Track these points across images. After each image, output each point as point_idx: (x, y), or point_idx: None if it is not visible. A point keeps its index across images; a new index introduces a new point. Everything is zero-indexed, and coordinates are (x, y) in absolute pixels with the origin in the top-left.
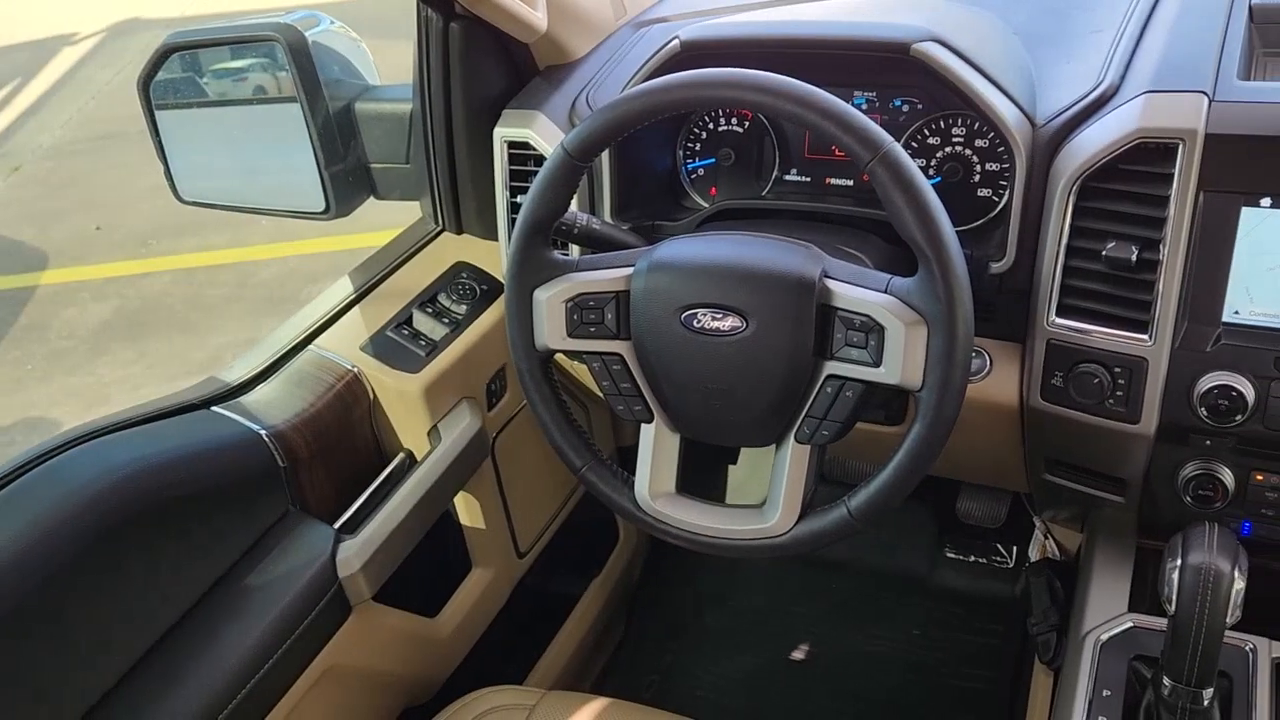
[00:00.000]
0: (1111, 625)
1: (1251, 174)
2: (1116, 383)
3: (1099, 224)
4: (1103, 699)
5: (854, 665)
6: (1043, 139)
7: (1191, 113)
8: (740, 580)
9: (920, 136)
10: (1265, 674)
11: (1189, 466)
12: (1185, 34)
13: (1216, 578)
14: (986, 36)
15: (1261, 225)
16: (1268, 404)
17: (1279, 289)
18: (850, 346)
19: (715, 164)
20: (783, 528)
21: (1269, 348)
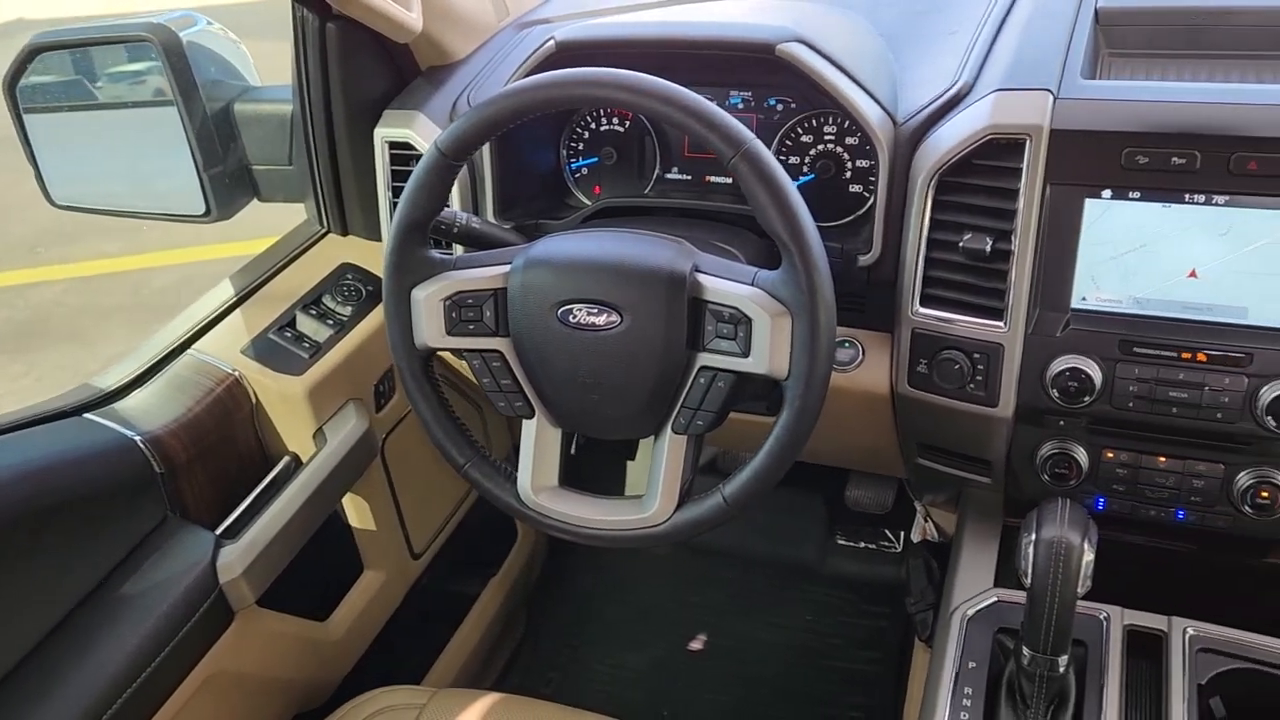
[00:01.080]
0: (978, 600)
1: (1092, 167)
2: (976, 368)
3: (956, 217)
4: (969, 670)
5: (749, 652)
6: (903, 136)
7: (1037, 110)
8: (640, 574)
9: (794, 135)
10: (1117, 640)
11: (1046, 446)
12: (1035, 35)
13: (1068, 550)
14: (851, 37)
15: (1103, 216)
16: (1114, 385)
17: (1121, 276)
18: (720, 338)
19: (598, 163)
20: (661, 516)
21: (1113, 331)
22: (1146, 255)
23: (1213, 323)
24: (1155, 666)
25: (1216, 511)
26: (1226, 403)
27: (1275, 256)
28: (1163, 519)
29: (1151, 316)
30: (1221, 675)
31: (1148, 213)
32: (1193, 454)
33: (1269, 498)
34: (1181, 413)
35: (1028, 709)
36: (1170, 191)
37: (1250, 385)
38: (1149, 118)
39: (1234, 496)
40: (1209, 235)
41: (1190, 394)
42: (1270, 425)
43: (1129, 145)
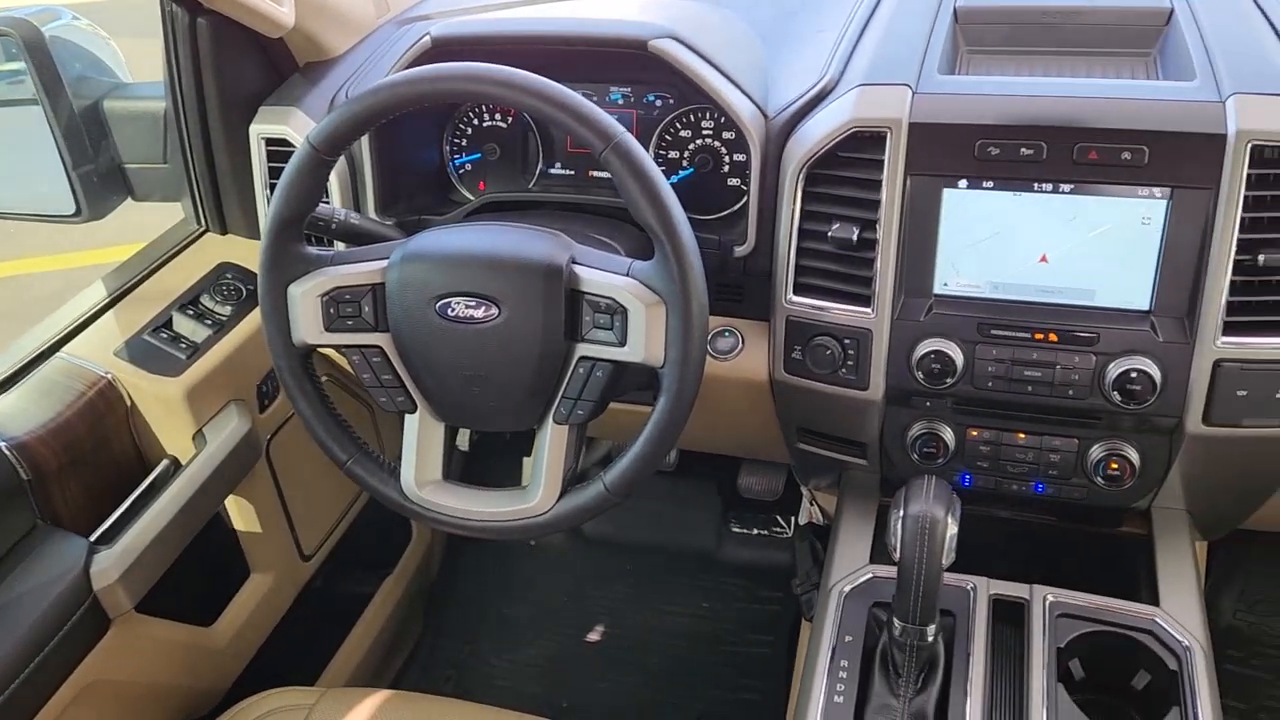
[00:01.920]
0: (854, 577)
1: (949, 159)
2: (847, 353)
3: (825, 208)
4: (845, 644)
5: (647, 642)
6: (774, 130)
7: (897, 104)
8: (538, 569)
9: (673, 130)
10: (983, 609)
11: (915, 427)
12: (897, 33)
13: (932, 524)
14: (725, 34)
15: (961, 205)
16: (974, 366)
17: (979, 262)
18: (598, 328)
19: (481, 159)
20: (545, 506)
21: (972, 315)
22: (1001, 242)
23: (1063, 305)
24: (1019, 633)
25: (1072, 484)
26: (1077, 380)
27: (1117, 241)
28: (1024, 492)
29: (1007, 300)
30: (1078, 638)
31: (1001, 201)
32: (1049, 430)
33: (1118, 469)
34: (1037, 390)
35: (900, 678)
36: (1020, 181)
37: (1098, 363)
38: (999, 111)
39: (1087, 469)
40: (1057, 222)
41: (1044, 373)
42: (1116, 400)
43: (981, 137)
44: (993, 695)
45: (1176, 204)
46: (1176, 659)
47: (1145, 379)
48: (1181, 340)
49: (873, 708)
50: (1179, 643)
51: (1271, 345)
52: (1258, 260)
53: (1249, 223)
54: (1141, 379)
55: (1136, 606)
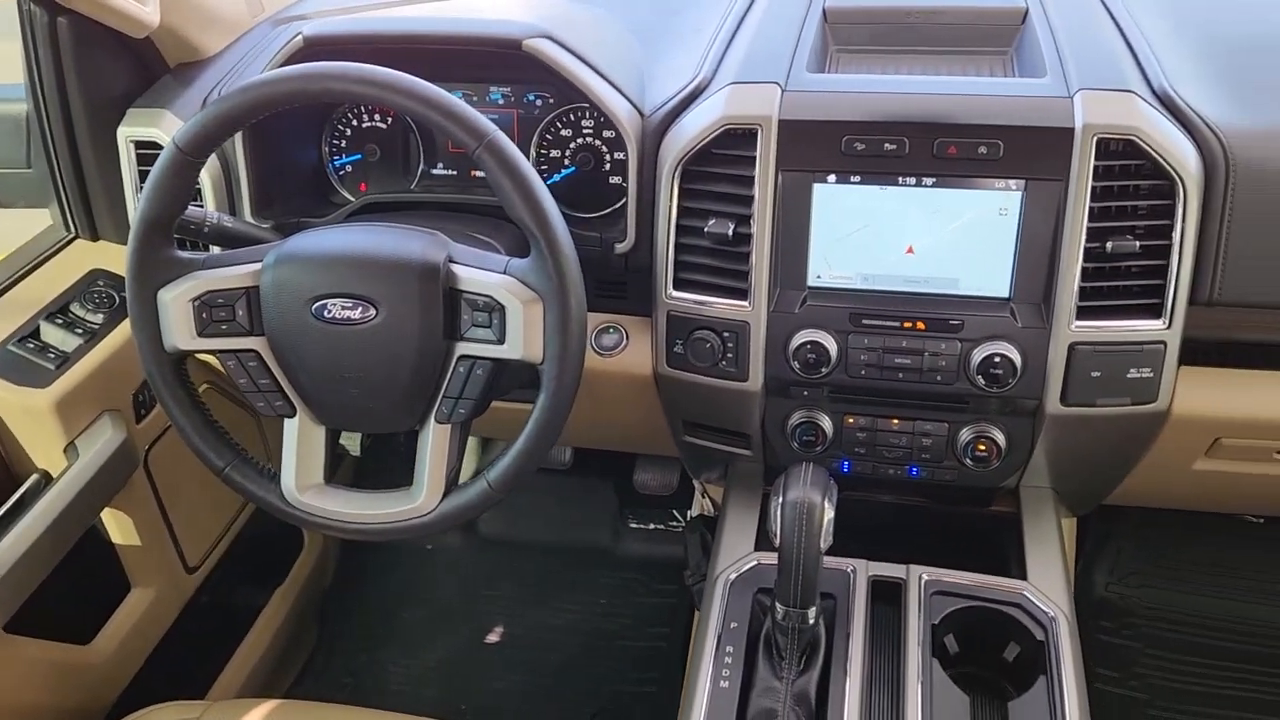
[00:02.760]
0: (740, 565)
1: (818, 154)
2: (726, 346)
3: (701, 204)
4: (731, 630)
5: (544, 640)
6: (650, 128)
7: (767, 102)
8: (436, 573)
9: (554, 129)
10: (862, 591)
11: (795, 416)
12: (768, 33)
13: (810, 509)
14: (600, 34)
15: (830, 199)
16: (847, 355)
17: (849, 255)
18: (477, 327)
19: (362, 160)
20: (429, 506)
21: (844, 306)
22: (870, 235)
23: (930, 294)
24: (896, 611)
25: (944, 466)
26: (944, 366)
27: (977, 232)
28: (900, 476)
29: (878, 291)
30: (952, 614)
31: (868, 195)
32: (921, 415)
33: (986, 450)
34: (907, 377)
35: (783, 660)
36: (885, 175)
37: (963, 349)
38: (863, 108)
39: (957, 451)
40: (922, 214)
41: (913, 360)
42: (980, 384)
43: (847, 133)
44: (871, 673)
45: (1030, 195)
46: (1043, 629)
47: (1007, 363)
48: (1039, 325)
49: (757, 691)
50: (1045, 614)
51: (1121, 328)
52: (1106, 247)
53: (1097, 212)
54: (1003, 363)
55: (1006, 581)
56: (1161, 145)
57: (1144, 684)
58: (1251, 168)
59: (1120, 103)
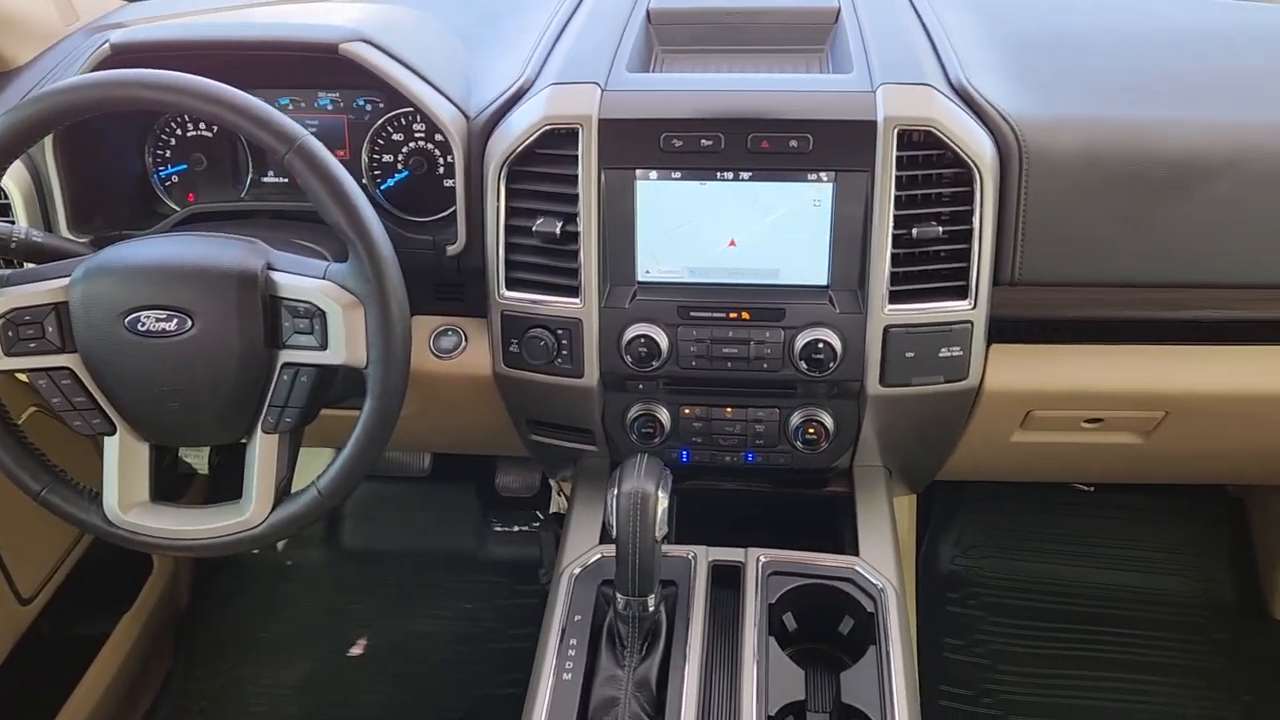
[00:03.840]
0: (585, 558)
1: (638, 152)
2: (561, 344)
3: (528, 203)
4: (575, 623)
5: (409, 648)
6: (476, 130)
7: (587, 101)
8: (297, 589)
9: (385, 133)
10: (703, 576)
11: (633, 409)
12: (591, 34)
13: (644, 499)
14: (424, 37)
15: (653, 195)
16: (678, 347)
17: (675, 249)
18: (299, 333)
19: (188, 169)
20: (259, 518)
21: (673, 300)
22: (693, 229)
23: (753, 284)
24: (736, 594)
25: (778, 450)
26: (769, 353)
27: (794, 223)
28: (737, 463)
29: (704, 284)
30: (788, 593)
31: (689, 190)
32: (753, 403)
33: (815, 433)
34: (735, 366)
35: (625, 649)
36: (704, 170)
37: (786, 336)
38: (679, 106)
39: (789, 436)
40: (740, 208)
41: (740, 349)
42: (804, 369)
43: (665, 131)
44: (710, 655)
45: (841, 187)
46: (873, 601)
47: (828, 348)
48: (855, 311)
49: (600, 680)
50: (875, 586)
51: (930, 310)
52: (912, 234)
53: (904, 200)
54: (824, 348)
55: (839, 558)
56: (957, 135)
57: (987, 650)
58: (1043, 155)
59: (919, 96)
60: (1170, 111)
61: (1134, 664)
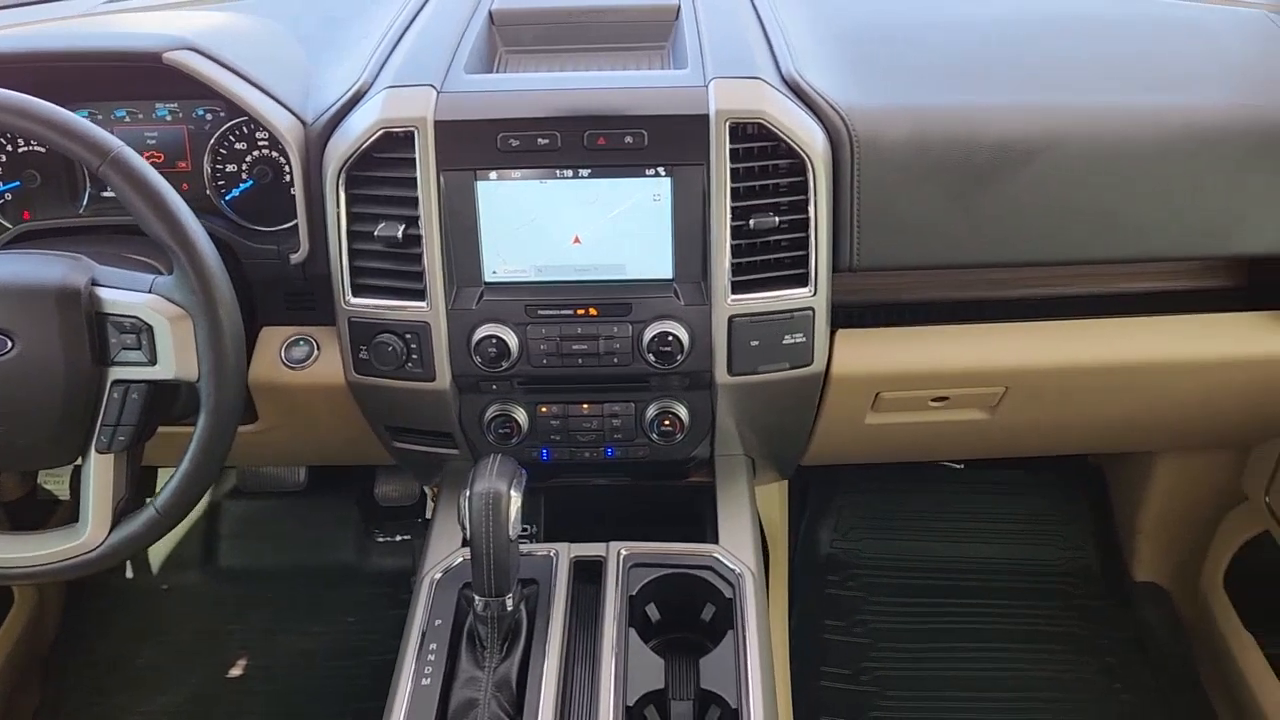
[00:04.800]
0: (446, 563)
1: (476, 153)
2: (410, 348)
3: (368, 208)
4: (435, 627)
5: (291, 668)
6: (313, 136)
7: (422, 104)
8: (173, 613)
9: (227, 143)
10: (564, 573)
11: (490, 410)
12: (431, 36)
13: (496, 499)
14: (259, 43)
15: (495, 195)
16: (528, 346)
17: (521, 249)
18: (127, 350)
19: (21, 187)
20: (95, 541)
21: (520, 299)
22: (537, 228)
23: (599, 280)
24: (597, 589)
25: (636, 444)
26: (619, 348)
27: (636, 219)
28: (597, 458)
29: (551, 282)
30: (650, 584)
31: (529, 189)
32: (608, 398)
33: (670, 425)
34: (586, 362)
35: (485, 650)
36: (544, 169)
37: (634, 331)
38: (515, 106)
39: (645, 428)
40: (582, 205)
41: (590, 345)
42: (653, 362)
43: (502, 131)
44: (571, 651)
45: (678, 181)
46: (732, 587)
47: (675, 341)
48: (700, 302)
49: (460, 683)
50: (733, 572)
51: (773, 298)
52: (750, 225)
53: (742, 191)
54: (672, 341)
55: (699, 547)
56: (787, 127)
57: (867, 629)
58: (873, 143)
59: (749, 89)
60: (992, 98)
61: (1004, 633)
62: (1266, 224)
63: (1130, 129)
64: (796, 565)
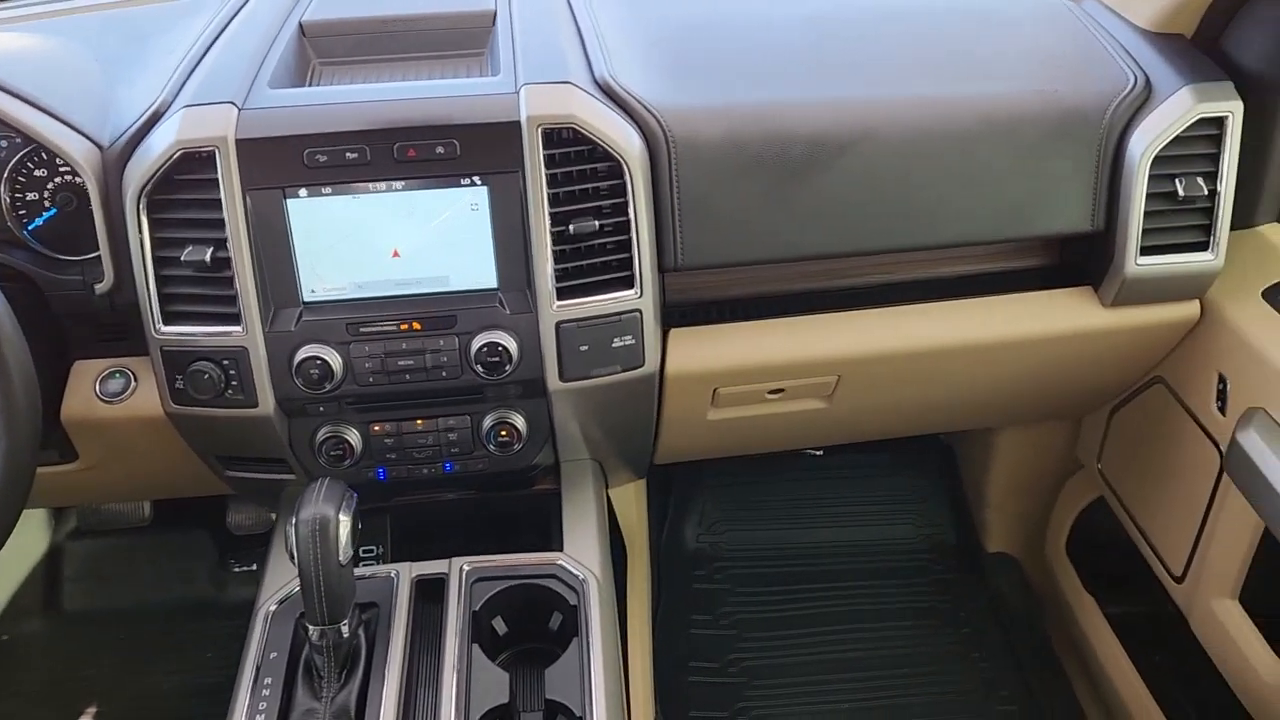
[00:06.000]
0: (281, 593)
1: (283, 170)
2: (229, 374)
3: (174, 232)
4: (270, 661)
5: (150, 709)
6: (111, 159)
7: (222, 122)
8: (15, 663)
9: (26, 170)
10: (405, 593)
11: (321, 432)
12: (235, 51)
13: (324, 524)
14: (51, 66)
15: (307, 213)
16: (352, 365)
17: (339, 266)
18: None
19: None
20: None
21: (341, 317)
22: (354, 244)
23: (423, 294)
24: (440, 607)
25: (475, 457)
26: (447, 361)
27: (456, 229)
28: (436, 474)
29: (373, 298)
30: (494, 597)
31: (342, 205)
32: (443, 412)
33: (508, 435)
34: (414, 377)
35: (323, 679)
36: (355, 184)
37: (461, 342)
38: (320, 120)
39: (483, 440)
40: (399, 218)
41: (417, 359)
42: (482, 373)
43: (308, 146)
44: (412, 672)
45: (495, 189)
46: (576, 594)
47: (503, 350)
48: (526, 310)
49: (296, 716)
50: (577, 578)
51: (599, 302)
52: (570, 230)
53: (561, 197)
54: (500, 351)
55: (543, 555)
56: (600, 131)
57: (732, 620)
58: (690, 143)
59: (559, 94)
60: (805, 93)
61: (868, 613)
62: (1067, 205)
63: (937, 119)
64: (662, 563)
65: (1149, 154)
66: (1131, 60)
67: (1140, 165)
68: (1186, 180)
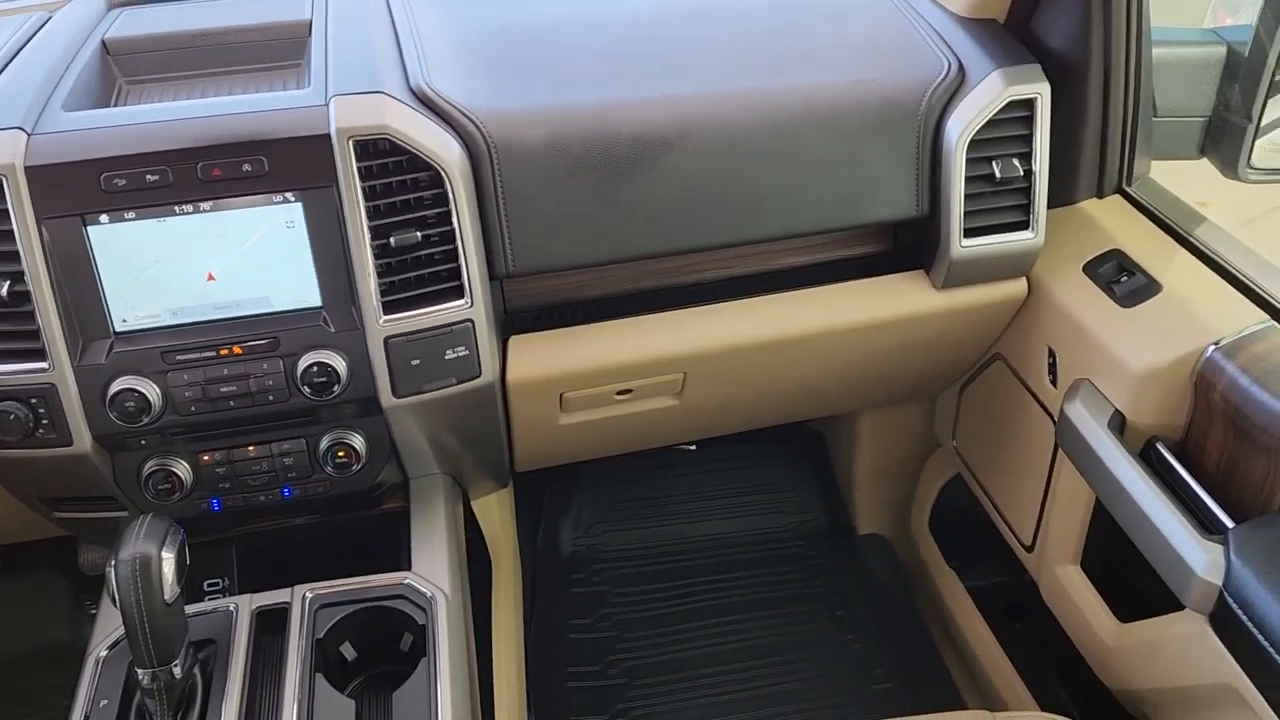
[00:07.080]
0: (111, 637)
1: (80, 197)
2: (38, 413)
3: None
4: (100, 709)
5: None
6: None
7: (10, 149)
8: None
9: None
10: (245, 626)
11: (147, 466)
12: (28, 71)
13: (145, 563)
14: None
15: (110, 240)
16: (171, 395)
17: (150, 293)
18: None
19: None
20: None
21: (157, 346)
22: (165, 269)
23: (244, 316)
24: (283, 637)
25: (314, 480)
26: (271, 384)
27: (272, 248)
28: (274, 501)
29: (191, 324)
30: (340, 623)
31: (148, 230)
32: (276, 436)
33: (346, 456)
34: (239, 404)
35: None
36: (159, 207)
37: (286, 364)
38: (115, 143)
39: (320, 462)
40: (210, 240)
41: (240, 385)
42: (309, 395)
43: (105, 170)
44: (251, 709)
45: (308, 205)
46: (424, 612)
47: (329, 370)
48: (352, 327)
49: None
50: (424, 596)
51: (429, 314)
52: (391, 243)
53: (380, 209)
54: (326, 371)
55: (389, 576)
56: (415, 140)
57: (612, 622)
58: (512, 148)
59: (370, 104)
60: (627, 92)
61: (746, 604)
62: (891, 192)
63: (757, 112)
64: (537, 569)
65: (965, 138)
66: (946, 46)
67: (957, 149)
68: (1003, 162)
